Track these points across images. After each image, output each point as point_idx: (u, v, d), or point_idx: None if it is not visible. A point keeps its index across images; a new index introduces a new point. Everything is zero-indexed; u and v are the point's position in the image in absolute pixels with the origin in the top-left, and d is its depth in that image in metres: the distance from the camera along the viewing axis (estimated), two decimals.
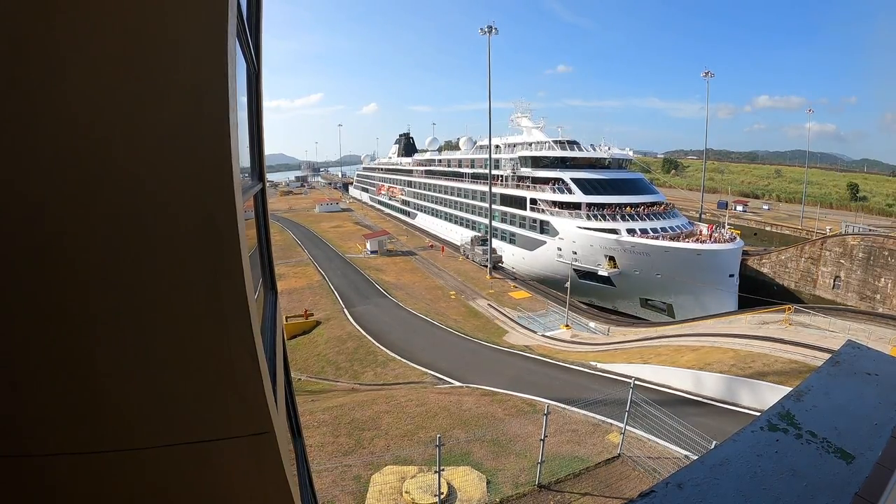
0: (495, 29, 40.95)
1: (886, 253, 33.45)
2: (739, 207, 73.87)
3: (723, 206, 71.34)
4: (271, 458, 1.37)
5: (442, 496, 8.81)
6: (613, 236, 35.47)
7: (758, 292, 36.89)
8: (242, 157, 1.59)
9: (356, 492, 9.23)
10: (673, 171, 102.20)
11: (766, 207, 77.22)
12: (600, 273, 36.29)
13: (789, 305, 25.79)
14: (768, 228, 57.03)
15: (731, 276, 32.35)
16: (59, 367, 1.13)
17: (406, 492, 9.08)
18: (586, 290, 37.36)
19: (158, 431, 1.23)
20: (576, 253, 37.90)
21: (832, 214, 66.71)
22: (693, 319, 30.49)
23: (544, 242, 41.15)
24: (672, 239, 34.20)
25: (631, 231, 35.46)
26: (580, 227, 37.80)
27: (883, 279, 33.40)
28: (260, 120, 2.57)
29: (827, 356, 2.80)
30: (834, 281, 36.79)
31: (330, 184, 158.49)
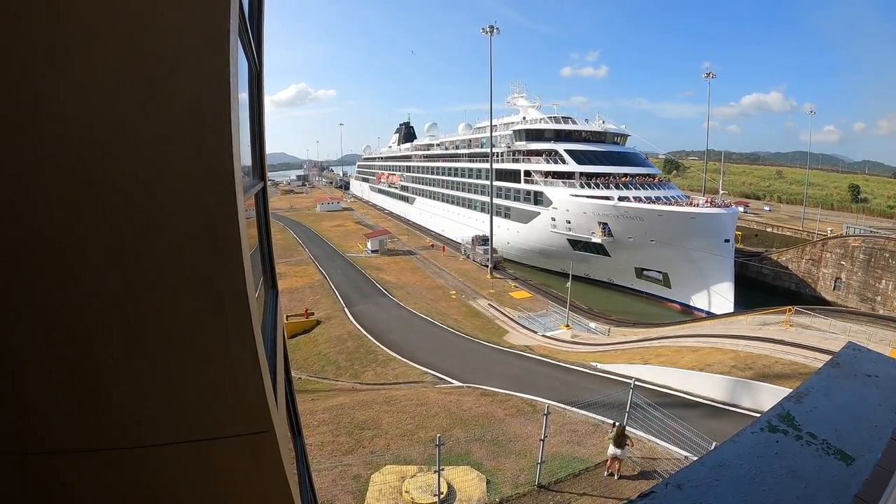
0: (497, 29, 41.03)
1: (887, 255, 33.39)
2: (741, 208, 73.70)
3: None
4: (271, 456, 1.37)
5: (442, 496, 8.81)
6: (607, 202, 35.44)
7: (758, 293, 36.89)
8: (244, 155, 1.59)
9: (356, 491, 9.24)
10: (674, 171, 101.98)
11: (767, 209, 76.96)
12: (593, 240, 36.30)
13: (790, 307, 25.73)
14: (769, 230, 56.91)
15: (727, 241, 32.13)
16: (59, 365, 1.13)
17: (406, 491, 9.08)
18: (581, 262, 37.26)
19: (159, 430, 1.24)
20: (569, 222, 38.02)
21: (833, 216, 66.50)
22: (694, 320, 30.45)
23: (538, 214, 41.22)
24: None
25: (624, 199, 35.43)
26: (573, 195, 37.88)
27: (884, 281, 33.34)
28: (261, 119, 2.57)
29: (827, 358, 2.80)
30: (835, 282, 36.73)
31: (331, 183, 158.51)
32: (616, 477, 9.61)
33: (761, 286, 40.33)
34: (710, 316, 31.58)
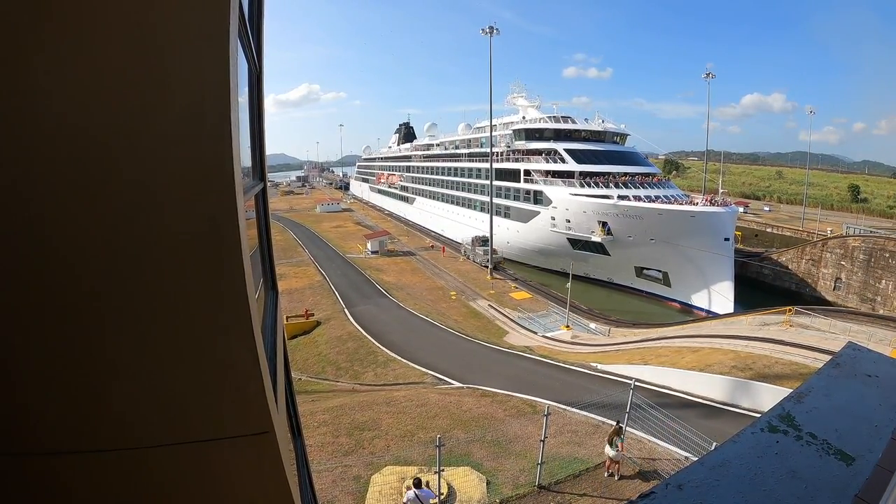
0: (497, 30, 41.06)
1: (887, 255, 33.39)
2: (740, 209, 73.71)
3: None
4: (271, 457, 1.37)
5: (442, 496, 8.81)
6: (607, 201, 35.58)
7: (758, 293, 36.90)
8: (244, 156, 1.59)
9: (356, 492, 9.24)
10: (674, 171, 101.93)
11: (766, 209, 76.95)
12: (593, 239, 36.46)
13: (790, 307, 25.73)
14: (769, 230, 56.91)
15: (727, 239, 32.23)
16: (59, 366, 1.13)
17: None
18: (581, 261, 37.37)
19: (158, 431, 1.24)
20: (569, 221, 38.15)
21: (833, 216, 66.51)
22: (694, 320, 30.45)
23: (538, 213, 41.35)
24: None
25: (623, 198, 35.53)
26: (573, 195, 38.00)
27: (884, 281, 33.33)
28: (261, 120, 2.57)
29: (827, 358, 2.80)
30: (835, 282, 36.72)
31: (331, 184, 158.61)
32: (616, 478, 9.61)
33: (761, 286, 40.32)
34: (711, 315, 31.60)
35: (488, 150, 46.06)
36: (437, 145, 68.38)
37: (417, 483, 8.14)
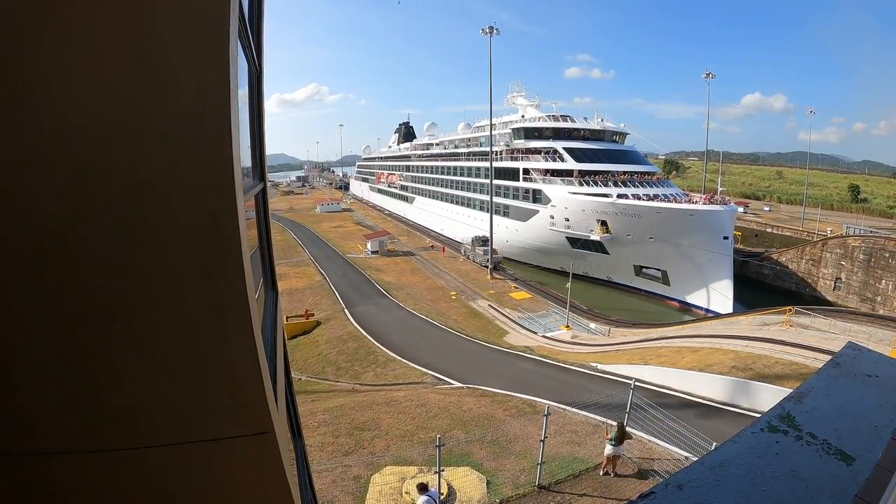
0: (497, 30, 41.06)
1: (887, 255, 33.39)
2: (741, 209, 73.71)
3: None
4: (271, 457, 1.37)
5: (442, 497, 8.80)
6: (606, 199, 35.62)
7: (758, 293, 36.91)
8: (244, 156, 1.59)
9: (356, 492, 9.23)
10: (674, 171, 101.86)
11: (766, 209, 76.90)
12: (592, 238, 36.55)
13: (790, 307, 25.72)
14: (769, 230, 56.87)
15: (726, 238, 32.27)
16: (59, 366, 1.13)
17: (406, 492, 9.08)
18: (580, 259, 37.42)
19: (158, 431, 1.23)
20: (568, 220, 38.21)
21: (833, 216, 66.47)
22: (695, 320, 30.45)
23: (537, 212, 41.42)
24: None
25: (622, 196, 35.56)
26: (572, 193, 38.05)
27: (884, 281, 33.33)
28: (261, 120, 2.57)
29: (827, 358, 2.79)
30: (835, 282, 36.72)
31: (331, 184, 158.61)
32: (612, 475, 9.61)
33: (761, 286, 40.32)
34: (710, 313, 31.62)
35: (488, 149, 46.07)
36: (437, 145, 68.46)
37: (424, 487, 8.08)
